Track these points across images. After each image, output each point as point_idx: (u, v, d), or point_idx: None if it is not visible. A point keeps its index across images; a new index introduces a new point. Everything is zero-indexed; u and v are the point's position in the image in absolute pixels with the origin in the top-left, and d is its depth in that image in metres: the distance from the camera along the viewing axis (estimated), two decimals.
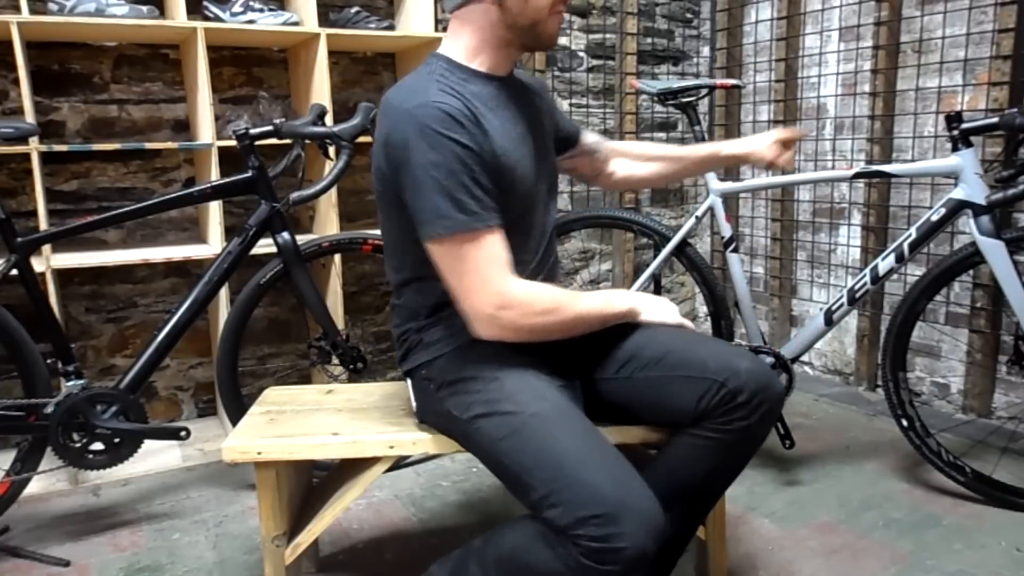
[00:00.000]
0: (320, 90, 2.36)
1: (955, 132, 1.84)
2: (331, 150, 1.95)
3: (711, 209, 2.25)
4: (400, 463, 2.22)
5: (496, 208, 1.21)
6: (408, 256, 1.31)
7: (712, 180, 2.24)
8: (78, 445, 1.81)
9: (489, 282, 1.19)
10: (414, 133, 1.17)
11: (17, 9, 2.00)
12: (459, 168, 1.17)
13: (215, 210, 2.27)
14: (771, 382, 1.26)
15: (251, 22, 2.31)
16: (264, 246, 2.02)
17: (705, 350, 1.29)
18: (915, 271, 2.54)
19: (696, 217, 2.30)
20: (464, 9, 1.28)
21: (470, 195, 1.17)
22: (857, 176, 2.07)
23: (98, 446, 1.83)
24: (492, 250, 1.19)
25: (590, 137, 1.63)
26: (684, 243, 2.30)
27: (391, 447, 1.37)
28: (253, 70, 2.62)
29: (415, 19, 2.59)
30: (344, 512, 1.46)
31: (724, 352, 1.28)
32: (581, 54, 3.19)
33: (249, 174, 1.94)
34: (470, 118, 1.20)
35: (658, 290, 2.65)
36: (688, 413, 1.26)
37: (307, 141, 1.95)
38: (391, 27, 2.57)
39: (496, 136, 1.24)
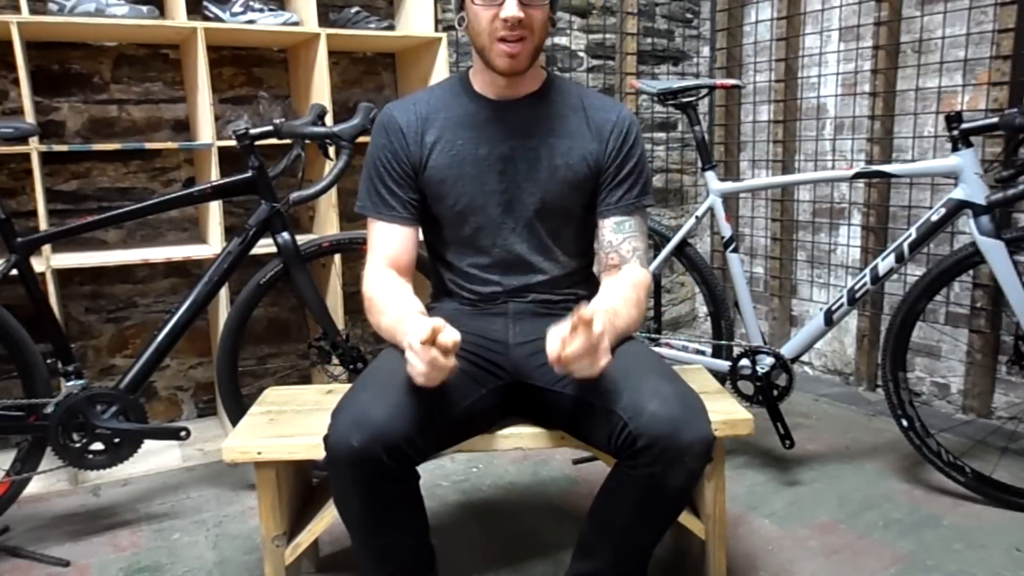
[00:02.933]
0: (320, 90, 2.36)
1: (955, 132, 1.84)
2: (331, 150, 1.95)
3: (711, 209, 2.25)
4: None
5: (400, 207, 1.41)
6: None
7: (712, 180, 2.24)
8: (78, 445, 1.81)
9: (368, 263, 1.43)
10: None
11: (17, 9, 2.00)
12: (377, 164, 1.41)
13: (215, 210, 2.27)
14: (674, 430, 1.14)
15: (251, 22, 2.31)
16: (264, 246, 2.02)
17: (630, 381, 1.22)
18: (915, 271, 2.54)
19: (696, 217, 2.30)
20: None
21: (378, 188, 1.41)
22: (857, 176, 2.07)
23: (98, 446, 1.83)
24: (379, 239, 1.42)
25: (613, 238, 1.42)
26: (684, 243, 2.30)
27: None
28: (253, 70, 2.62)
29: (415, 19, 2.59)
30: None
31: (643, 388, 1.20)
32: (581, 54, 3.19)
33: (249, 174, 1.94)
34: (406, 130, 1.39)
35: (658, 290, 2.66)
36: (605, 447, 1.25)
37: (307, 141, 1.95)
38: (391, 27, 2.57)
39: (434, 152, 1.39)
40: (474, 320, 1.42)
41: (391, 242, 1.42)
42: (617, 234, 1.43)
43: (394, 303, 1.34)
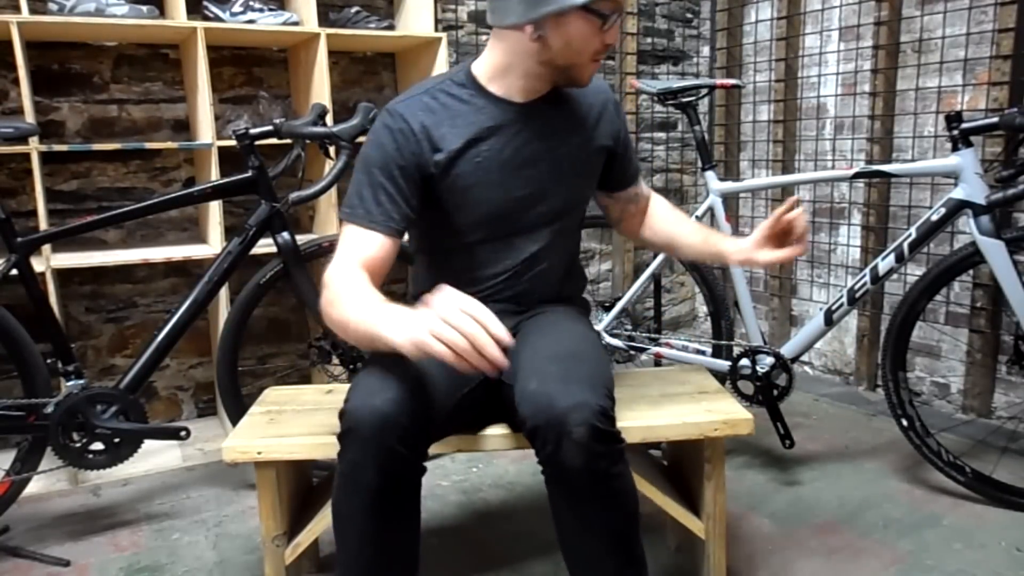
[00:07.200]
0: (320, 90, 2.36)
1: (955, 132, 1.84)
2: (331, 150, 1.95)
3: (711, 209, 2.25)
4: None
5: (398, 218, 1.29)
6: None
7: (712, 180, 2.24)
8: (78, 445, 1.81)
9: (335, 261, 1.28)
10: (374, 125, 1.34)
11: (17, 9, 2.00)
12: (380, 170, 1.29)
13: (215, 210, 2.27)
14: (548, 403, 1.12)
15: (251, 22, 2.31)
16: (264, 246, 2.02)
17: (526, 363, 1.22)
18: (915, 271, 2.54)
19: (696, 217, 2.30)
20: (503, 31, 1.29)
21: (377, 196, 1.28)
22: (857, 176, 2.07)
23: (98, 446, 1.83)
24: (359, 244, 1.29)
25: (639, 189, 1.60)
26: None
27: None
28: (253, 70, 2.62)
29: (415, 19, 2.59)
30: None
31: (532, 368, 1.20)
32: None
33: (249, 174, 1.94)
34: (420, 135, 1.29)
35: (658, 290, 2.66)
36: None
37: (307, 141, 1.95)
38: (391, 27, 2.57)
39: (458, 160, 1.31)
40: None
41: (373, 249, 1.29)
42: (635, 188, 1.58)
43: (366, 299, 1.19)
